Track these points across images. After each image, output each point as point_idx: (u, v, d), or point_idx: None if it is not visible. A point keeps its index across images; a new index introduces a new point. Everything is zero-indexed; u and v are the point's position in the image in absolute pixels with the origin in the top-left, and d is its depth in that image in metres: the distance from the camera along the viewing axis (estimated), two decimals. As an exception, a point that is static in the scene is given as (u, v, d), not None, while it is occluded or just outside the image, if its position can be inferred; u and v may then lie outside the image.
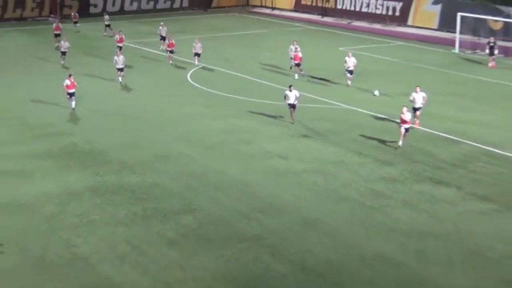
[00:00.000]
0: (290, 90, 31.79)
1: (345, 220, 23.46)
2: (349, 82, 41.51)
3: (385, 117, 35.84)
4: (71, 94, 33.99)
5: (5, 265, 20.12)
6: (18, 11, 70.50)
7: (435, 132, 33.39)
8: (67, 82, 33.78)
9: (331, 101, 39.41)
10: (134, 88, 42.63)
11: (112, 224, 23.07)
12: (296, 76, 43.80)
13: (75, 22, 64.18)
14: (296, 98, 32.02)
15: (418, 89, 31.53)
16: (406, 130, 29.29)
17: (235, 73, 45.23)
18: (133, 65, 47.28)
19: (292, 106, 32.24)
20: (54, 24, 57.27)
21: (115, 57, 42.04)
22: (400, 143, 29.12)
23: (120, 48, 48.44)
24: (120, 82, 42.08)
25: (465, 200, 25.18)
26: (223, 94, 40.71)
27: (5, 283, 19.14)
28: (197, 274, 19.62)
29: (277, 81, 43.68)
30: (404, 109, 28.99)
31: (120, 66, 41.69)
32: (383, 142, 31.90)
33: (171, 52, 47.86)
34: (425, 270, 19.86)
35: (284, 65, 45.99)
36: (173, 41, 48.10)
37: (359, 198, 25.51)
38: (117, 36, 51.36)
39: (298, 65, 44.12)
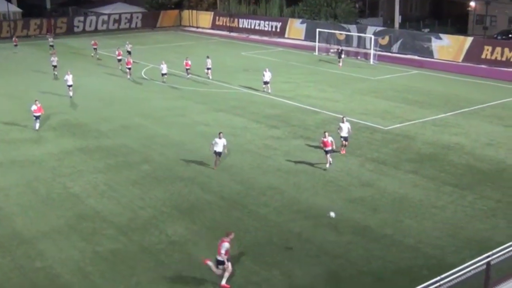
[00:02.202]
0: (220, 138, 24.10)
1: (248, 164, 25.62)
2: (269, 90, 39.23)
3: (272, 97, 38.36)
4: (37, 117, 29.83)
5: (22, 202, 21.70)
6: (25, 31, 73.11)
7: (303, 106, 36.14)
8: (34, 107, 29.69)
9: (235, 87, 41.78)
10: (107, 82, 43.26)
11: (94, 172, 24.77)
12: (188, 76, 43.66)
13: (16, 45, 60.00)
14: (224, 147, 24.31)
15: (344, 119, 26.54)
16: (327, 152, 24.48)
17: (173, 70, 46.07)
18: (107, 66, 48.32)
19: (219, 154, 24.41)
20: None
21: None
22: (327, 165, 24.70)
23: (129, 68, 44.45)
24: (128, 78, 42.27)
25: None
26: (165, 84, 42.22)
27: (23, 213, 20.57)
28: (152, 203, 21.31)
29: (200, 75, 45.58)
30: (326, 134, 24.27)
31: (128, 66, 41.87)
32: (271, 113, 34.46)
33: (119, 61, 47.78)
34: (299, 195, 22.08)
35: (202, 65, 46.33)
36: (131, 60, 46.15)
37: (257, 150, 27.74)
38: (125, 58, 46.71)
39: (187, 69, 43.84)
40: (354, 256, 17.51)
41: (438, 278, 14.17)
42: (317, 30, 59.15)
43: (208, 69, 44.63)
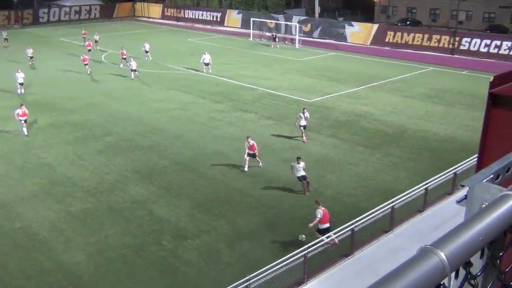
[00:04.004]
0: (298, 163, 18.65)
1: (197, 134, 25.48)
2: (209, 70, 38.37)
3: (215, 76, 37.88)
4: (23, 121, 24.92)
5: (0, 171, 21.01)
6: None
7: (242, 83, 35.86)
8: (19, 111, 24.83)
9: (183, 69, 41.04)
10: (71, 66, 40.55)
11: (64, 144, 24.16)
12: (121, 65, 40.04)
13: None
14: (304, 169, 18.69)
15: (305, 110, 24.23)
16: (251, 155, 20.66)
17: (129, 55, 45.03)
18: (72, 53, 45.99)
19: (303, 177, 18.71)
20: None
21: (130, 63, 36.51)
22: (246, 168, 20.72)
23: (125, 58, 40.11)
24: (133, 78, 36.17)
25: (260, 119, 27.65)
26: (122, 67, 40.75)
27: (1, 182, 19.97)
28: (116, 169, 21.11)
29: (155, 60, 44.29)
30: (249, 139, 20.73)
31: (133, 68, 36.09)
32: (214, 90, 34.17)
33: (89, 50, 44.00)
34: (241, 158, 21.05)
35: (154, 50, 45.43)
36: (91, 43, 44.93)
37: (204, 121, 27.60)
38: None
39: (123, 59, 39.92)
40: (286, 206, 17.94)
41: (354, 220, 14.77)
42: (251, 19, 58.98)
43: (146, 52, 43.08)
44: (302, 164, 18.27)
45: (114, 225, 16.62)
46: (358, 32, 54.44)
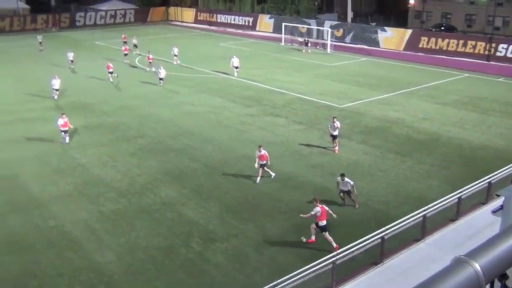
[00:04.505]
0: (343, 179, 17.67)
1: (227, 138, 25.57)
2: (235, 73, 38.87)
3: (245, 80, 38.12)
4: (64, 131, 24.48)
5: (37, 171, 21.52)
6: (33, 25, 70.59)
7: (272, 88, 35.99)
8: (61, 121, 24.28)
9: (214, 73, 41.27)
10: (104, 70, 40.23)
11: (97, 146, 24.59)
12: (147, 69, 40.47)
13: None
14: (352, 186, 17.71)
15: (335, 119, 22.88)
16: (261, 165, 20.00)
17: (161, 58, 45.16)
18: (107, 56, 46.25)
19: (347, 192, 17.88)
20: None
21: (159, 69, 35.83)
22: (258, 180, 20.11)
23: (150, 63, 40.82)
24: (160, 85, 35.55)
25: (290, 124, 27.62)
26: (148, 71, 41.19)
27: (38, 181, 20.45)
28: (147, 171, 21.31)
29: (186, 63, 44.98)
30: (261, 148, 20.03)
31: (161, 76, 35.48)
32: (245, 94, 34.31)
33: (126, 55, 44.28)
34: (270, 162, 20.76)
35: (186, 54, 46.35)
36: (128, 47, 45.42)
37: (234, 125, 27.71)
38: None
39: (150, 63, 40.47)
40: (315, 212, 17.67)
41: (384, 228, 14.57)
42: (283, 24, 59.10)
43: (175, 55, 43.68)
44: (347, 179, 17.57)
45: (144, 226, 16.77)
46: (391, 37, 53.81)
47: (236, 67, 38.71)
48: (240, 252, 15.38)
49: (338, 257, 13.35)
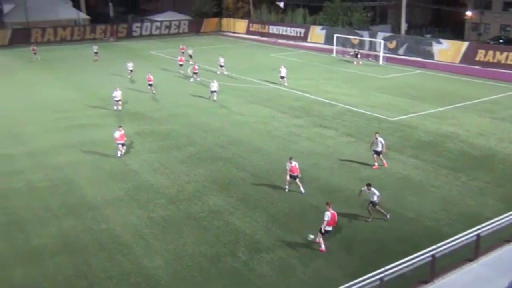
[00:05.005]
0: (368, 189, 17.54)
1: (275, 148, 25.56)
2: (285, 83, 39.26)
3: (295, 91, 38.16)
4: (121, 144, 24.21)
5: (90, 175, 22.12)
6: (92, 35, 73.67)
7: (322, 99, 35.81)
8: (117, 133, 24.06)
9: (265, 83, 41.51)
10: (159, 77, 42.05)
11: (149, 152, 25.12)
12: (191, 80, 41.20)
13: (35, 54, 54.32)
14: (378, 196, 17.49)
15: (377, 135, 22.42)
16: (292, 177, 19.87)
17: (212, 68, 46.00)
18: (160, 65, 47.80)
19: (373, 203, 17.63)
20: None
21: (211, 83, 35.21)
22: (287, 188, 20.17)
23: (195, 73, 41.33)
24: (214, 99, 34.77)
25: (339, 136, 27.43)
26: (206, 79, 41.86)
27: (91, 185, 21.01)
28: (196, 178, 21.59)
29: (237, 73, 45.65)
30: (291, 160, 19.83)
31: (214, 89, 34.73)
32: (294, 105, 34.26)
33: (181, 65, 44.87)
34: (318, 173, 21.78)
35: (237, 64, 46.85)
36: (183, 58, 45.52)
37: (283, 135, 27.68)
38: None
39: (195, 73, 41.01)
40: (363, 226, 17.48)
41: (435, 246, 14.12)
42: (335, 35, 58.80)
43: (221, 66, 43.91)
44: (373, 190, 17.31)
45: (192, 233, 16.94)
46: (447, 49, 52.48)
47: (283, 77, 39.12)
48: (285, 264, 15.26)
49: (386, 273, 13.01)
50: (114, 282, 14.41)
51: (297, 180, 19.85)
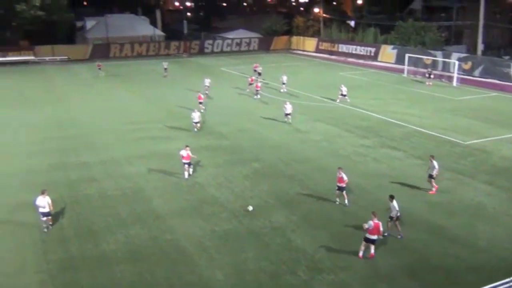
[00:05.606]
0: (391, 201, 17.71)
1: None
2: (344, 99, 39.30)
3: (362, 110, 37.52)
4: (187, 164, 23.70)
5: (159, 186, 22.68)
6: (166, 50, 76.74)
7: (390, 119, 35.06)
8: (184, 152, 23.58)
9: (332, 101, 41.17)
10: (227, 93, 43.86)
11: (214, 166, 25.42)
12: (255, 97, 41.17)
13: (100, 69, 56.48)
14: (397, 210, 17.52)
15: (431, 158, 22.08)
16: (341, 189, 20.25)
17: (279, 85, 46.01)
18: (229, 81, 48.75)
19: (393, 217, 17.59)
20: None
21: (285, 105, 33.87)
22: (346, 201, 20.35)
23: (257, 91, 41.74)
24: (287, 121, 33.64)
25: (408, 158, 26.72)
26: (273, 96, 42.34)
27: (159, 195, 21.21)
28: (259, 194, 21.68)
29: (303, 92, 45.68)
30: (340, 171, 20.26)
31: (288, 112, 33.33)
32: (361, 124, 33.74)
33: (250, 85, 44.30)
34: (384, 195, 20.37)
35: (305, 82, 47.27)
36: (254, 80, 44.65)
37: (349, 155, 27.31)
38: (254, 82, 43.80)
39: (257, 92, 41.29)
40: (430, 253, 16.82)
41: (509, 279, 13.29)
42: (407, 55, 57.64)
43: (283, 83, 44.64)
44: (395, 203, 17.32)
45: (253, 248, 16.92)
46: (527, 72, 49.83)
47: (344, 95, 39.31)
48: (347, 286, 14.90)
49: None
50: (175, 292, 14.59)
51: (344, 192, 20.11)
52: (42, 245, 17.52)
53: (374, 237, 15.83)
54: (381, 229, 16.16)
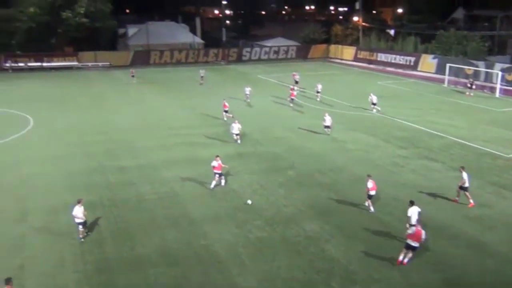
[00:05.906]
0: (412, 205, 18.19)
1: (377, 178, 23.33)
2: (375, 108, 39.17)
3: (400, 120, 37.02)
4: (219, 174, 23.28)
5: (194, 191, 22.70)
6: (205, 58, 77.64)
7: (429, 130, 34.32)
8: (215, 163, 22.93)
9: (370, 111, 40.47)
10: (263, 101, 43.83)
11: (249, 173, 25.47)
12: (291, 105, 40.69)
13: (133, 76, 56.88)
14: (417, 219, 17.70)
15: (461, 169, 21.81)
16: (369, 197, 20.72)
17: (317, 94, 45.77)
18: (266, 89, 49.33)
19: (414, 223, 17.44)
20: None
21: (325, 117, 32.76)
22: (372, 208, 20.76)
23: (292, 99, 41.17)
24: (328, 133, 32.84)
25: (446, 170, 26.08)
26: (310, 105, 42.50)
27: (194, 200, 21.71)
28: (293, 202, 21.61)
29: (339, 100, 45.50)
30: (369, 178, 20.81)
31: (327, 124, 32.48)
32: (399, 134, 33.23)
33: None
34: (421, 208, 19.14)
35: (343, 91, 46.85)
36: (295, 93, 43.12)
37: (386, 165, 26.94)
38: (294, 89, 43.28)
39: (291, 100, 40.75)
40: (469, 268, 16.41)
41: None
42: (448, 64, 56.40)
43: (317, 92, 44.65)
44: (414, 208, 17.74)
45: (286, 257, 16.86)
46: None
47: (374, 104, 39.22)
48: (381, 299, 14.59)
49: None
50: (208, 297, 14.66)
51: (370, 199, 20.67)
52: (80, 246, 17.96)
53: (415, 244, 15.96)
54: (423, 237, 16.14)
